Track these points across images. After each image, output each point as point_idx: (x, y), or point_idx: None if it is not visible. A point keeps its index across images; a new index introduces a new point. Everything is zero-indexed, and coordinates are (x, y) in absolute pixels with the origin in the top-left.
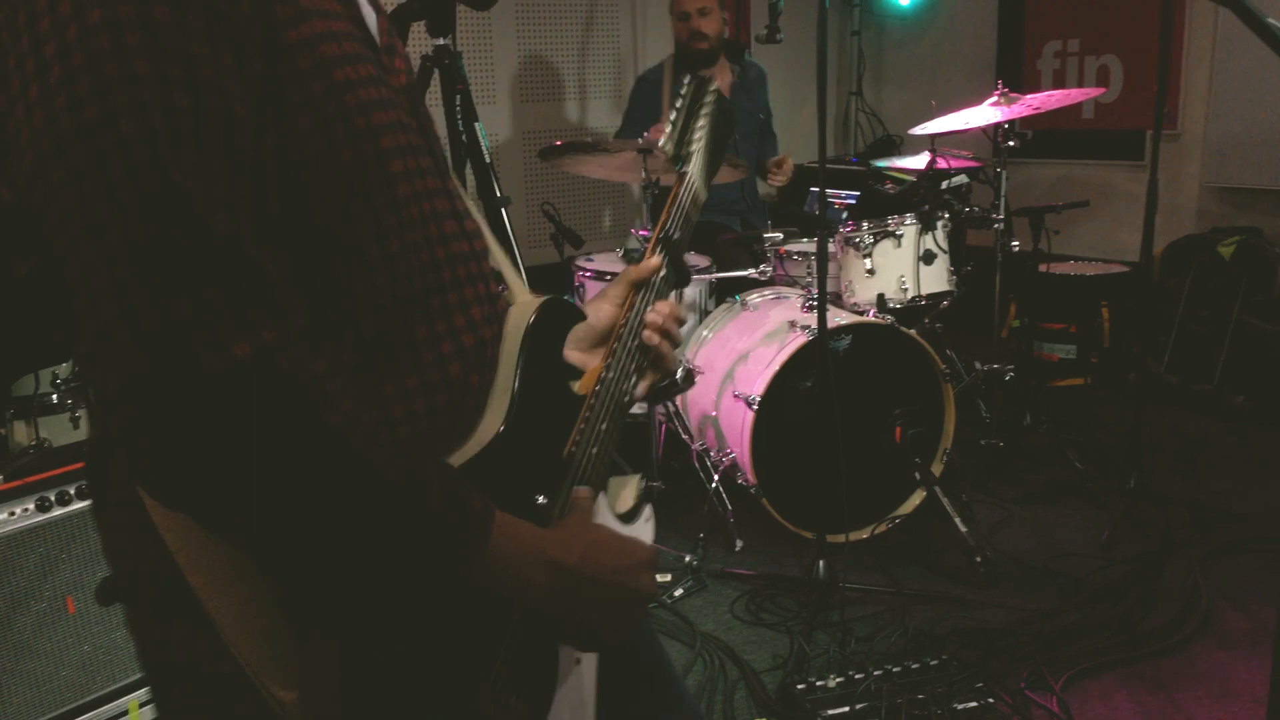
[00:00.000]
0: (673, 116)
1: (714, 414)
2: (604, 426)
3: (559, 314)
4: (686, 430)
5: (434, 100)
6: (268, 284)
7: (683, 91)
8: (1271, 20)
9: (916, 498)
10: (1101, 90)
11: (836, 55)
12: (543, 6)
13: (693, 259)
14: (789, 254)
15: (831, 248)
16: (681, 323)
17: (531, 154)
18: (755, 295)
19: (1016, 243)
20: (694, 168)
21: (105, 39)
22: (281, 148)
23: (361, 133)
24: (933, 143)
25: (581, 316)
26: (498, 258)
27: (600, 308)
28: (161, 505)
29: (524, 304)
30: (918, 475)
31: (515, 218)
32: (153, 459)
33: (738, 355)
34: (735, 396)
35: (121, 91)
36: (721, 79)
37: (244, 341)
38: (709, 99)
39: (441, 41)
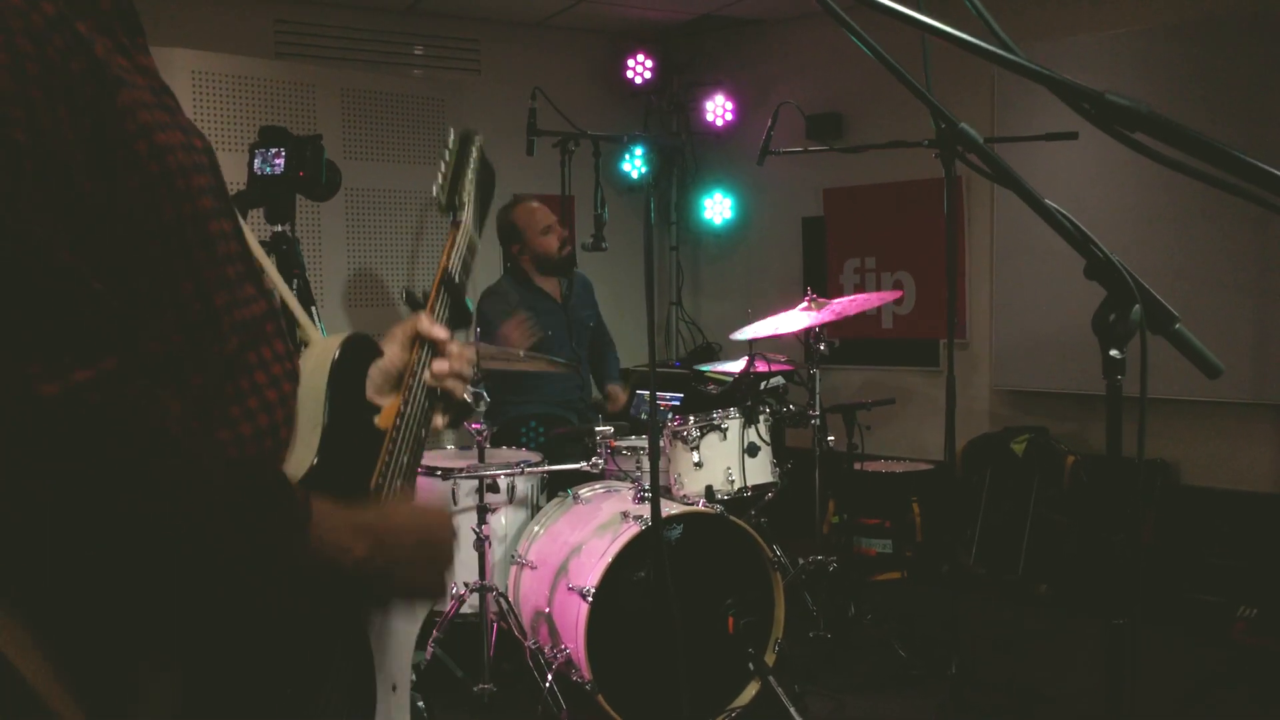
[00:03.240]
0: (442, 169)
1: (547, 610)
2: (405, 459)
3: (361, 350)
4: (520, 628)
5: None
6: (109, 315)
7: (450, 146)
8: (1050, 201)
9: (752, 689)
10: (898, 294)
11: (657, 268)
12: (373, 216)
13: (523, 454)
14: (619, 449)
15: (660, 442)
16: (471, 362)
17: None
18: (587, 489)
19: (832, 438)
20: (468, 216)
21: None
22: (110, 201)
23: (183, 193)
24: (751, 346)
25: (379, 352)
26: (291, 307)
27: (390, 349)
28: None
29: (326, 341)
30: (752, 665)
31: None
32: None
33: (571, 548)
34: (569, 589)
35: None
36: (554, 290)
37: (85, 369)
38: (474, 153)
39: (280, 228)
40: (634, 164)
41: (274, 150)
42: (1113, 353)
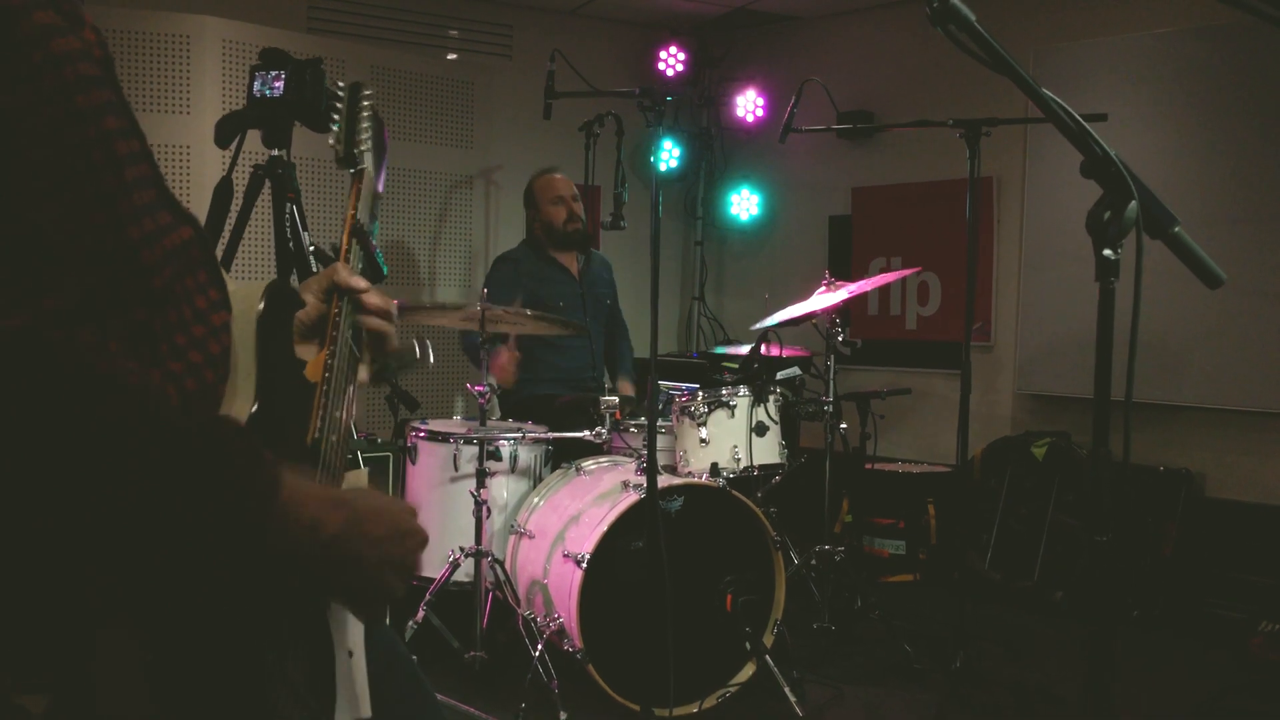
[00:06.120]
0: (336, 118)
1: (544, 580)
2: (339, 414)
3: (283, 299)
4: (515, 598)
5: (264, 208)
6: (43, 256)
7: (341, 94)
8: (1048, 92)
9: (747, 670)
10: (917, 269)
11: (681, 262)
12: (398, 195)
13: (527, 425)
14: (627, 426)
15: (668, 419)
16: (394, 307)
17: None
18: (590, 462)
19: (845, 425)
20: (368, 165)
21: None
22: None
23: (85, 112)
24: (766, 331)
25: (300, 302)
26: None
27: (305, 300)
28: None
29: (246, 287)
30: (749, 645)
31: None
32: None
33: (569, 517)
34: (565, 556)
35: None
36: (570, 264)
37: (19, 314)
38: (366, 103)
39: (276, 152)
40: (661, 158)
41: (274, 73)
42: (1106, 252)
